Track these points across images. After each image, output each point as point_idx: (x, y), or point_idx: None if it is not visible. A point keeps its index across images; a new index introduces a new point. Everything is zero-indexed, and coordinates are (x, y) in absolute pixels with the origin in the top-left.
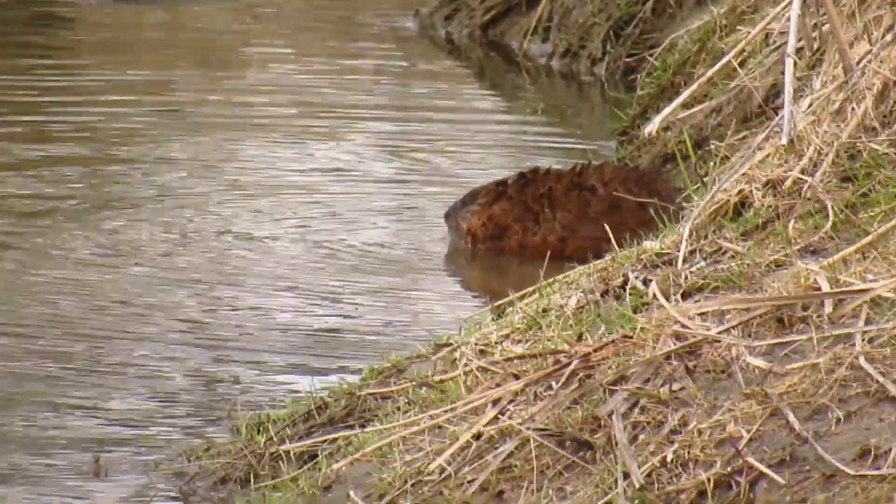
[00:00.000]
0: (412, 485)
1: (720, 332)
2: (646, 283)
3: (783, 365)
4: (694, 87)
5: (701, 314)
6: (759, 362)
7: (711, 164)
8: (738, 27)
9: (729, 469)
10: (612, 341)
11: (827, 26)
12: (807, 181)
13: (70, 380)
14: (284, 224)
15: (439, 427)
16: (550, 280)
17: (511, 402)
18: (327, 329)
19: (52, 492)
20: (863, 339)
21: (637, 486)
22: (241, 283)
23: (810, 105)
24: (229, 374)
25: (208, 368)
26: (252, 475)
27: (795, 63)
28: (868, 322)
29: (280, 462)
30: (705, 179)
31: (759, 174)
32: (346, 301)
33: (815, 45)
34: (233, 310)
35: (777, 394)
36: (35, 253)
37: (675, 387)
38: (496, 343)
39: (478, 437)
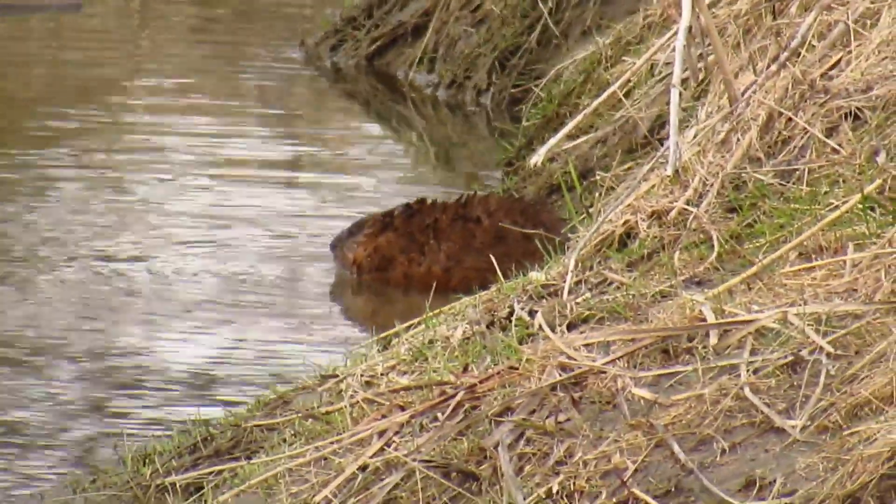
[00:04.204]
0: None
1: (605, 364)
2: (531, 314)
3: (668, 396)
4: (579, 117)
5: (586, 345)
6: (644, 393)
7: (597, 194)
8: (623, 58)
9: (614, 500)
10: (498, 372)
11: (712, 57)
12: (692, 212)
13: None
14: (168, 254)
15: (325, 459)
16: (436, 311)
17: (397, 433)
18: (212, 360)
19: None
20: (748, 370)
21: None
22: (126, 314)
23: (695, 136)
24: (114, 405)
25: (94, 398)
26: None
27: (681, 94)
28: (753, 353)
29: (166, 494)
30: (591, 210)
31: (644, 205)
32: (231, 331)
33: (701, 76)
34: (114, 341)
35: (662, 425)
36: None
37: (561, 418)
38: (382, 374)
39: (363, 468)
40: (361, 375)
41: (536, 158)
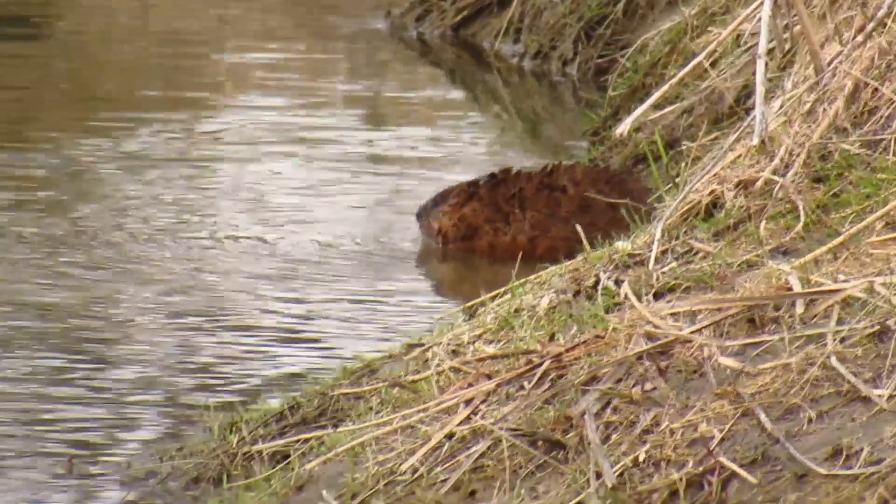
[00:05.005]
0: (384, 485)
1: (692, 332)
2: (618, 283)
3: (755, 365)
4: (665, 87)
5: (673, 314)
6: (730, 362)
7: (683, 164)
8: (709, 28)
9: (701, 469)
10: (584, 341)
11: (798, 27)
12: (778, 182)
13: (45, 379)
14: (259, 223)
15: (412, 427)
16: (522, 280)
17: (483, 402)
18: (300, 329)
19: (26, 492)
20: (834, 339)
21: (609, 485)
22: (215, 283)
23: (781, 106)
24: (202, 373)
25: (181, 366)
26: (225, 475)
27: (766, 64)
28: (839, 322)
29: (253, 462)
30: (677, 180)
31: (730, 175)
32: (318, 300)
33: (787, 46)
34: (204, 310)
35: (749, 394)
36: (15, 239)
37: (647, 387)
38: (468, 343)
39: (450, 437)
40: (448, 344)
41: (622, 128)
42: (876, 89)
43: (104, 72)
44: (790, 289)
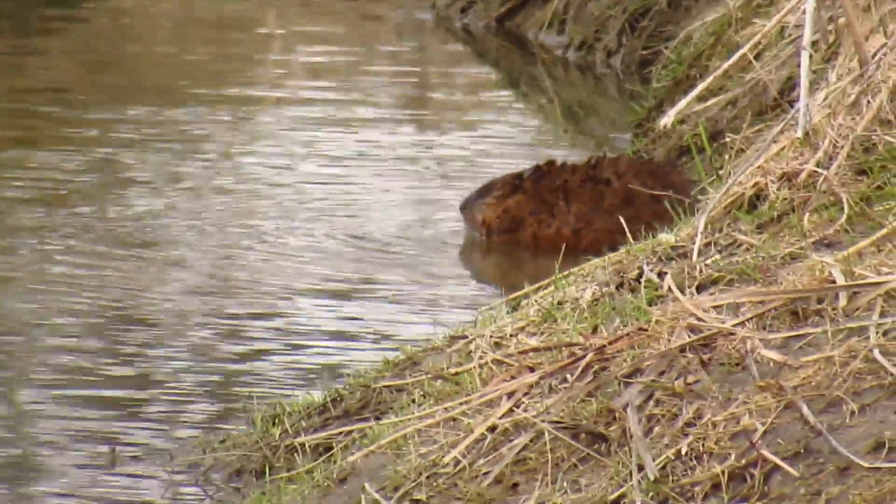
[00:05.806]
0: (427, 477)
1: (735, 325)
2: (661, 275)
3: (798, 358)
4: (709, 79)
5: (716, 307)
6: (773, 355)
7: (727, 156)
8: (753, 20)
9: (743, 461)
10: (627, 334)
11: (843, 19)
12: (822, 174)
13: (86, 370)
14: (299, 214)
15: (454, 419)
16: (565, 273)
17: (526, 394)
18: (342, 320)
19: (69, 483)
20: (877, 332)
21: (652, 478)
22: (256, 275)
23: (826, 98)
24: (244, 365)
25: (224, 359)
26: (267, 467)
27: (811, 56)
28: (883, 315)
29: (295, 454)
30: (720, 172)
31: (774, 167)
32: (361, 292)
33: (831, 39)
34: (246, 302)
35: (791, 386)
36: (54, 240)
37: (690, 379)
38: (511, 335)
39: (492, 429)
40: (490, 336)
41: (666, 120)
42: None
43: (150, 57)
44: (833, 281)
